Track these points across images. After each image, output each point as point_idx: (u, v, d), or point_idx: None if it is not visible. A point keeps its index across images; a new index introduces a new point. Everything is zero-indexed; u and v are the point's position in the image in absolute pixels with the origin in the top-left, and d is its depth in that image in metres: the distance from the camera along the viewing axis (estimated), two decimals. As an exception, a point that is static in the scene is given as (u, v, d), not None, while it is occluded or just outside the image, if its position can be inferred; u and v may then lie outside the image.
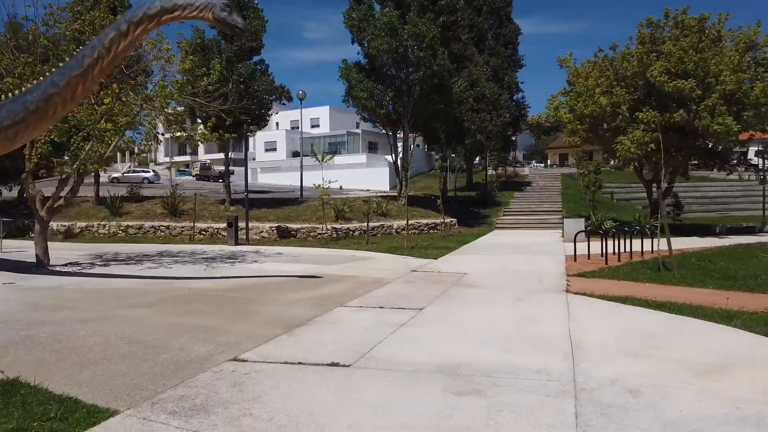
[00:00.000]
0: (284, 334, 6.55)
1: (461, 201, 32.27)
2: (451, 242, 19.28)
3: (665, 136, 19.52)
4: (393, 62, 23.69)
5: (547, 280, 10.40)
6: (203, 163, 54.68)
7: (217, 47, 23.15)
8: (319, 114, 64.06)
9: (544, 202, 32.39)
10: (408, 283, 10.55)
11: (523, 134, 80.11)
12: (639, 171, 22.64)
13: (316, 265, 13.37)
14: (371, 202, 24.68)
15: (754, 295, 8.66)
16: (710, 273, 10.62)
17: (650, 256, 14.14)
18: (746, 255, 13.38)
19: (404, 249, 16.95)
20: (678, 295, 8.57)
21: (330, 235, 20.78)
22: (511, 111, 36.89)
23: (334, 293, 9.39)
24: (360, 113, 25.68)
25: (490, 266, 12.91)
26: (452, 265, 13.27)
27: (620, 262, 12.86)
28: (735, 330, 6.15)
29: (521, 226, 26.14)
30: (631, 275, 10.75)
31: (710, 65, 18.20)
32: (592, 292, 8.84)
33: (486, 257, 14.91)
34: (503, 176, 45.53)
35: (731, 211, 38.40)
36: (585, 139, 22.44)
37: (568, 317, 7.03)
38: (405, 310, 7.82)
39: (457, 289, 9.71)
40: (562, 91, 22.81)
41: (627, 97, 20.06)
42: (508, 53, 37.21)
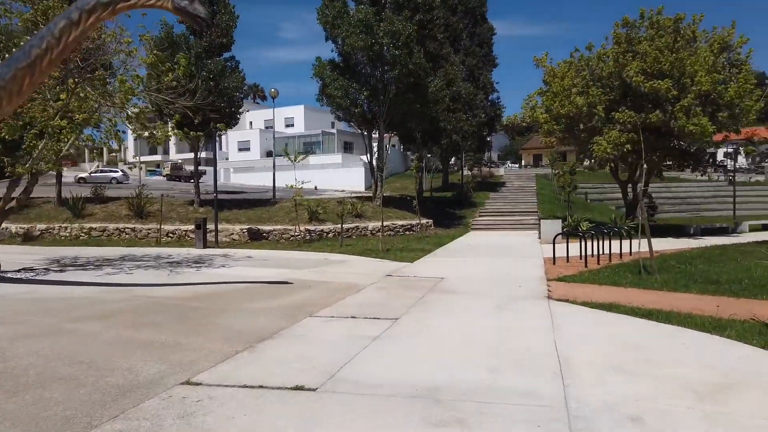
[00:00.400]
0: (246, 350, 5.94)
1: (437, 202, 31.88)
2: (428, 244, 18.82)
3: (642, 136, 19.41)
4: (368, 60, 23.12)
5: (528, 285, 9.97)
6: (174, 163, 53.33)
7: (186, 43, 22.28)
8: (293, 113, 63.17)
9: (520, 203, 32.21)
10: (383, 289, 10.01)
11: (497, 135, 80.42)
12: (615, 171, 22.52)
13: (286, 269, 12.74)
14: (346, 203, 24.09)
15: (740, 300, 8.35)
16: (692, 276, 10.33)
17: (629, 258, 13.87)
18: (724, 257, 13.19)
19: (379, 251, 16.42)
20: (663, 301, 8.21)
21: (303, 237, 20.13)
22: (487, 111, 36.65)
23: (304, 301, 8.80)
24: (334, 112, 25.05)
25: (468, 270, 12.46)
26: (429, 268, 12.78)
27: (600, 265, 12.54)
28: (730, 342, 5.76)
29: (497, 227, 25.84)
30: (613, 279, 10.40)
31: (686, 65, 18.09)
32: (575, 298, 8.43)
33: (463, 260, 14.46)
34: (479, 176, 45.35)
35: (702, 212, 38.83)
36: (561, 140, 22.23)
37: (553, 328, 6.57)
38: (379, 321, 7.28)
39: (434, 295, 9.20)
40: (538, 91, 22.55)
41: (603, 98, 19.87)
42: (483, 53, 36.96)
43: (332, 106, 24.21)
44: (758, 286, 9.17)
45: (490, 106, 38.22)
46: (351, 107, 23.27)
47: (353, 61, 23.51)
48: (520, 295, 8.98)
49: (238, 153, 59.39)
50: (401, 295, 9.24)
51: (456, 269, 12.57)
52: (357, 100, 23.19)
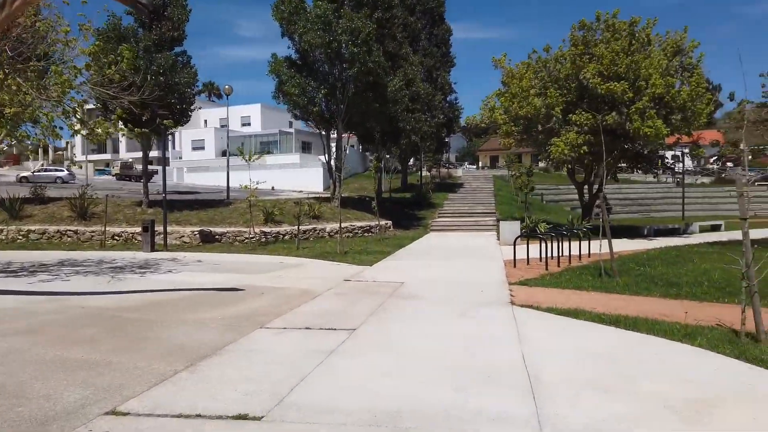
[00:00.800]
0: (185, 369, 5.31)
1: (396, 202, 31.52)
2: (387, 246, 18.38)
3: (598, 138, 19.49)
4: (326, 58, 22.50)
5: (490, 290, 9.62)
6: (125, 162, 51.26)
7: (134, 35, 21.16)
8: (250, 112, 61.73)
9: (478, 204, 32.19)
10: (340, 295, 9.47)
11: (455, 136, 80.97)
12: (572, 173, 22.63)
13: (239, 274, 12.04)
14: (303, 203, 23.40)
15: (703, 304, 8.21)
16: (653, 279, 10.21)
17: (588, 260, 13.79)
18: (681, 259, 13.24)
19: (337, 254, 15.87)
20: (628, 306, 7.98)
21: (258, 240, 19.37)
22: (445, 112, 36.54)
23: (256, 310, 8.18)
24: (291, 111, 24.31)
25: (428, 273, 12.06)
26: (388, 272, 12.32)
27: (560, 268, 12.35)
28: (703, 352, 5.49)
29: (456, 228, 25.66)
30: (574, 282, 10.17)
31: (641, 68, 18.25)
32: (539, 304, 8.10)
33: (423, 263, 14.06)
34: (438, 177, 45.30)
35: (652, 212, 39.86)
36: (519, 141, 22.19)
37: (519, 338, 6.18)
38: (335, 332, 6.75)
39: (394, 302, 8.73)
40: (496, 92, 22.44)
41: (560, 99, 19.89)
42: (441, 53, 36.83)
43: (289, 105, 23.49)
44: (718, 289, 9.09)
45: (449, 107, 38.14)
46: (308, 106, 22.61)
47: (311, 59, 22.86)
48: (482, 301, 8.60)
49: (192, 152, 57.57)
50: (360, 302, 8.73)
51: (416, 273, 12.15)
52: (314, 98, 22.55)
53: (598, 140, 19.42)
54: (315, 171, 45.89)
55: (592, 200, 22.68)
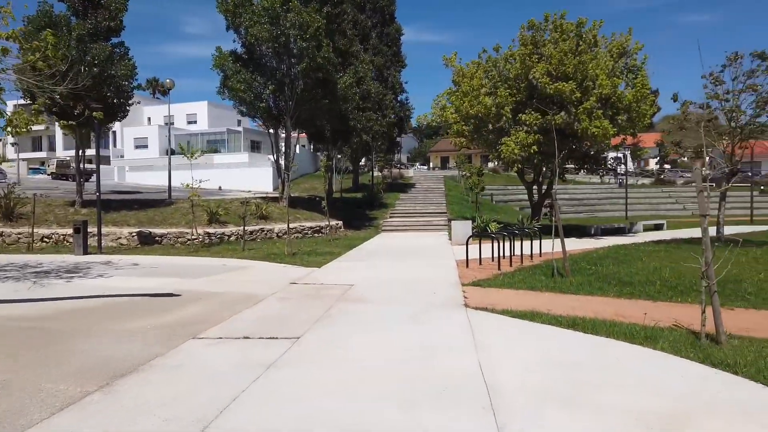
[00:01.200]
0: (99, 390, 4.60)
1: (347, 202, 30.95)
2: (337, 247, 17.79)
3: (547, 138, 19.55)
4: (274, 53, 21.70)
5: (442, 292, 9.21)
6: (61, 160, 48.48)
7: (67, 24, 19.73)
8: (196, 110, 59.67)
9: (429, 204, 32.02)
10: (285, 299, 8.84)
11: (406, 137, 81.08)
12: (521, 173, 22.66)
13: (177, 278, 11.20)
14: (250, 203, 22.49)
15: (658, 303, 8.05)
16: (605, 279, 10.05)
17: (539, 259, 13.64)
18: (630, 258, 13.26)
19: (285, 256, 15.17)
20: (584, 306, 7.72)
21: (201, 241, 18.39)
22: (396, 111, 36.24)
23: (191, 318, 7.46)
24: (237, 107, 23.34)
25: (379, 275, 11.56)
26: (337, 274, 11.75)
27: (512, 268, 12.11)
28: (666, 357, 5.20)
29: (408, 228, 25.32)
30: (528, 283, 9.90)
31: (588, 69, 18.39)
32: (493, 306, 7.73)
33: (374, 264, 13.56)
34: (389, 178, 45.00)
35: (597, 212, 40.80)
36: (470, 141, 22.04)
37: (475, 345, 5.75)
38: (277, 341, 6.15)
39: (343, 305, 8.18)
40: (447, 91, 22.22)
41: (510, 99, 19.85)
42: (392, 53, 36.52)
43: (234, 101, 22.53)
44: (670, 288, 8.99)
45: (400, 107, 37.88)
46: (255, 102, 21.73)
47: (258, 53, 22.00)
48: (435, 304, 8.16)
49: (134, 151, 55.15)
50: (306, 307, 8.13)
51: (367, 274, 11.64)
52: (261, 94, 21.69)
53: (548, 140, 19.52)
54: (264, 171, 44.71)
55: (541, 200, 22.80)
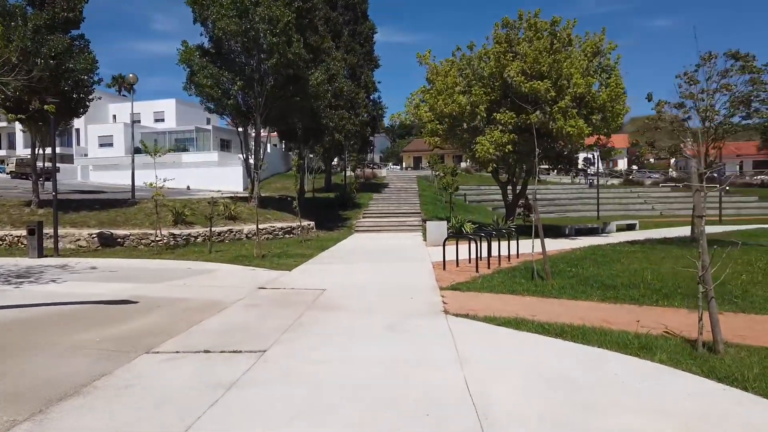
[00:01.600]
0: (29, 419, 3.95)
1: (320, 203, 30.29)
2: (309, 248, 17.15)
3: (522, 138, 19.28)
4: (243, 48, 20.94)
5: (420, 297, 8.70)
6: (21, 159, 46.50)
7: (23, 14, 18.61)
8: (164, 107, 57.96)
9: (403, 204, 31.58)
10: (252, 307, 8.21)
11: (379, 137, 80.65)
12: (496, 173, 22.36)
13: (136, 283, 10.45)
14: (218, 203, 21.69)
15: (643, 308, 7.70)
16: (587, 281, 9.70)
17: (517, 260, 13.28)
18: (609, 259, 12.98)
19: (254, 258, 14.48)
20: (569, 312, 7.32)
21: (166, 243, 17.54)
22: (369, 110, 35.71)
23: (147, 329, 6.79)
24: (205, 104, 22.47)
25: (353, 278, 11.01)
26: (309, 277, 11.15)
27: (491, 270, 11.69)
28: (668, 370, 4.78)
29: (382, 229, 24.81)
30: (508, 286, 9.47)
31: (563, 68, 18.16)
32: (475, 313, 7.26)
33: (347, 266, 13.00)
34: (362, 177, 44.45)
35: (568, 212, 40.98)
36: (444, 140, 21.64)
37: (459, 359, 5.24)
38: (240, 356, 5.55)
39: (315, 313, 7.60)
40: (421, 89, 21.78)
41: (485, 98, 19.52)
42: (365, 51, 35.99)
43: (202, 97, 21.67)
44: (654, 291, 8.67)
45: (373, 106, 37.36)
46: (223, 98, 20.91)
47: (226, 48, 21.21)
48: (413, 311, 7.65)
49: (99, 149, 53.23)
50: (274, 315, 7.53)
51: (340, 278, 11.07)
52: (230, 90, 20.88)
53: (522, 139, 19.26)
54: (235, 170, 43.65)
55: (515, 200, 22.55)
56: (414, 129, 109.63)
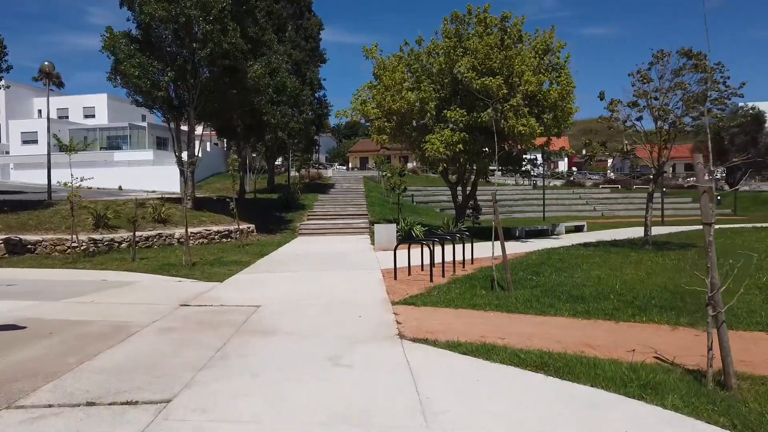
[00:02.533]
0: None
1: (261, 204, 28.57)
2: (247, 254, 15.63)
3: (472, 137, 18.42)
4: (174, 36, 19.11)
5: (370, 315, 7.49)
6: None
7: None
8: (94, 102, 54.19)
9: (349, 205, 30.29)
10: (168, 331, 6.76)
11: (325, 137, 79.04)
12: (446, 173, 21.45)
13: (33, 301, 8.72)
14: (147, 205, 19.77)
15: (621, 324, 6.78)
16: (552, 292, 8.76)
17: (472, 267, 12.31)
18: (568, 264, 12.17)
19: (183, 267, 12.88)
20: (542, 332, 6.30)
21: (85, 249, 15.58)
22: (314, 108, 34.24)
23: (23, 367, 5.25)
24: (132, 96, 20.42)
25: (293, 290, 9.67)
26: (243, 290, 9.73)
27: (446, 278, 10.62)
28: (684, 420, 3.75)
29: (327, 232, 23.45)
30: (468, 299, 8.39)
31: (514, 64, 17.40)
32: (435, 336, 6.11)
33: (288, 275, 11.62)
34: (307, 178, 42.88)
35: (513, 213, 40.82)
36: (393, 138, 20.52)
37: (423, 409, 4.04)
38: (135, 410, 4.16)
39: (243, 340, 6.25)
40: (368, 85, 20.57)
41: (434, 95, 18.54)
42: (310, 47, 34.50)
43: (128, 89, 19.65)
44: (627, 303, 7.80)
45: (318, 104, 35.89)
46: (152, 90, 18.98)
47: (155, 35, 19.29)
48: (362, 334, 6.42)
49: (22, 146, 49.17)
50: (193, 343, 6.13)
51: (278, 289, 9.71)
52: (160, 81, 18.99)
53: (473, 138, 18.41)
54: (172, 169, 40.76)
55: (465, 201, 21.72)
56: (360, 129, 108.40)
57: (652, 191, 15.94)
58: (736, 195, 39.08)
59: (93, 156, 47.29)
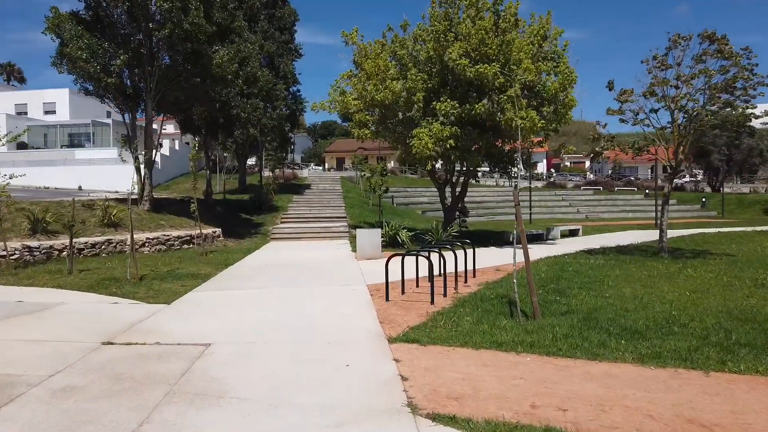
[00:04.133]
0: None
1: (231, 206, 26.11)
2: (208, 264, 13.33)
3: (464, 131, 16.42)
4: (128, 15, 16.67)
5: (362, 363, 5.35)
6: None
7: None
8: (55, 98, 50.66)
9: (327, 207, 28.02)
10: (63, 395, 4.51)
11: (300, 137, 76.52)
12: (433, 173, 19.39)
13: None
14: (96, 206, 17.27)
15: (716, 377, 4.78)
16: (592, 321, 6.73)
17: (475, 281, 10.29)
18: (588, 279, 10.21)
19: (127, 281, 10.56)
20: (616, 397, 4.26)
21: (18, 258, 13.09)
22: (288, 104, 31.89)
23: None
24: (80, 84, 17.90)
25: (257, 318, 7.47)
26: (192, 317, 7.49)
27: (449, 299, 8.54)
28: None
29: (302, 236, 21.18)
30: (487, 333, 6.31)
31: (512, 50, 15.46)
32: (464, 410, 4.00)
33: (253, 294, 9.39)
34: (281, 178, 40.43)
35: (497, 215, 39.08)
36: (376, 133, 18.40)
37: None
38: None
39: (173, 413, 4.06)
40: (348, 73, 18.39)
41: (421, 85, 16.49)
42: (285, 39, 32.11)
43: (75, 74, 17.09)
44: (700, 339, 5.83)
45: (293, 99, 33.52)
46: (102, 76, 16.49)
47: (105, 15, 16.81)
48: (353, 404, 4.28)
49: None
50: (92, 424, 3.91)
51: (238, 318, 7.49)
52: (111, 65, 16.51)
53: (465, 133, 16.41)
54: (137, 168, 38.14)
55: (455, 203, 19.72)
56: (336, 129, 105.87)
57: (668, 192, 14.15)
58: (724, 197, 38.03)
59: (52, 154, 44.06)
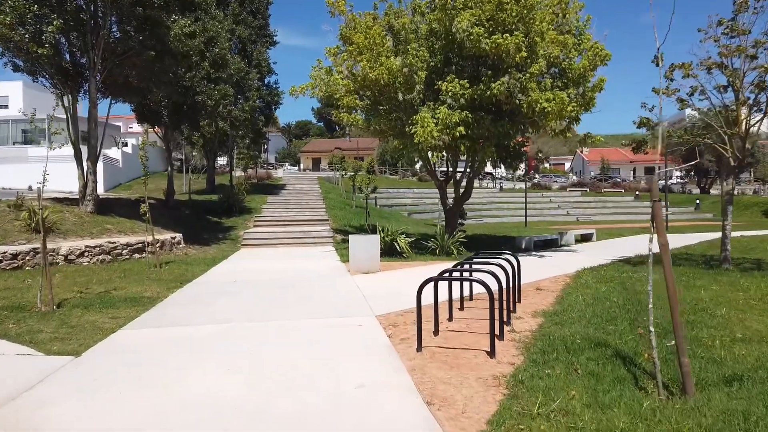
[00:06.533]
0: None
1: (197, 207, 22.77)
2: (159, 281, 10.14)
3: (476, 116, 13.57)
4: (64, -28, 13.34)
5: None
6: None
7: None
8: (7, 91, 46.01)
9: (305, 209, 24.86)
10: None
11: (274, 136, 72.97)
12: (433, 168, 16.45)
13: None
14: (24, 207, 13.87)
15: None
16: None
17: (523, 310, 7.40)
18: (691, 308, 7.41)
19: (38, 310, 7.38)
20: None
21: None
22: (263, 95, 28.65)
23: None
24: (7, 58, 14.47)
25: (211, 401, 4.39)
26: (100, 391, 4.35)
27: (510, 347, 5.61)
28: None
29: (279, 242, 18.03)
30: (617, 428, 3.39)
31: (535, 19, 12.68)
32: None
33: (208, 338, 6.27)
34: (255, 178, 37.13)
35: (484, 218, 36.48)
36: (367, 121, 15.39)
37: None
38: None
39: None
40: (334, 50, 15.33)
41: (422, 64, 13.59)
42: (258, 24, 28.87)
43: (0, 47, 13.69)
44: None
45: (267, 91, 30.27)
46: (33, 46, 13.11)
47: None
48: None
49: None
50: None
51: (179, 393, 4.40)
52: (43, 33, 13.14)
53: (477, 119, 13.57)
54: (98, 166, 34.27)
55: (458, 204, 16.82)
56: (312, 129, 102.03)
57: (732, 189, 11.53)
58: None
59: (5, 152, 39.90)
